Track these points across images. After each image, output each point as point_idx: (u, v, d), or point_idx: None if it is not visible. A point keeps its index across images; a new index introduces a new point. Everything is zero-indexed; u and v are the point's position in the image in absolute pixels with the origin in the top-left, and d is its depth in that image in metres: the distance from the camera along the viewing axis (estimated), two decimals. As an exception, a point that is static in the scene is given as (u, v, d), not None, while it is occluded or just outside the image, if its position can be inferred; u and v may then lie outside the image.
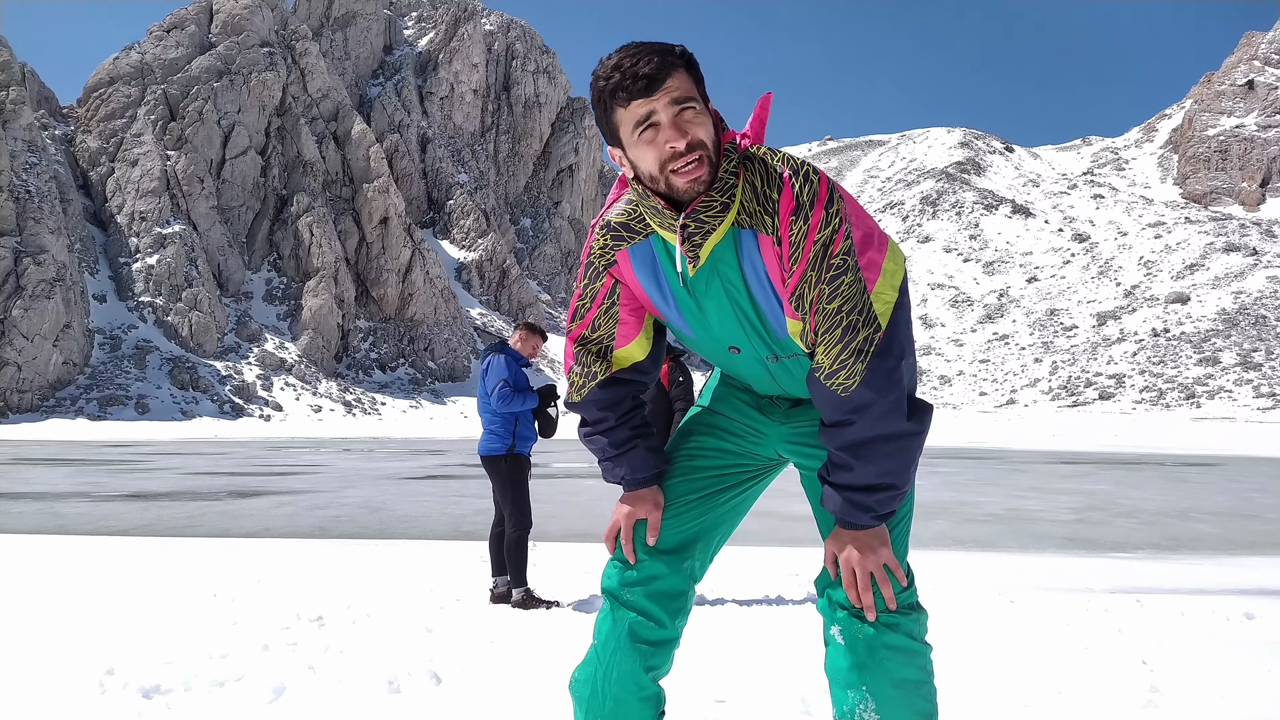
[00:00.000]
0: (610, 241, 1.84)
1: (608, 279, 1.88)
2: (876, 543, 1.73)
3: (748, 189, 1.68)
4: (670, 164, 1.62)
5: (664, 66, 1.60)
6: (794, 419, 1.95)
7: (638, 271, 1.83)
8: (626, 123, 1.63)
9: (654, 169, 1.65)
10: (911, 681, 1.73)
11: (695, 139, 1.61)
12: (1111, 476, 18.95)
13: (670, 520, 1.90)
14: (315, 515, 11.21)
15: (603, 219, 1.86)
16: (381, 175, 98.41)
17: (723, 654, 3.84)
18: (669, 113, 1.60)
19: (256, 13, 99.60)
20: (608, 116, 1.66)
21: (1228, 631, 4.57)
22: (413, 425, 66.75)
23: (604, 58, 1.66)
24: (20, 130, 75.65)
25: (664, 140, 1.61)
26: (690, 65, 1.64)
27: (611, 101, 1.63)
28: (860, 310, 1.65)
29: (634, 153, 1.66)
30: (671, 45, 1.64)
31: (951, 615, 4.79)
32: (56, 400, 67.76)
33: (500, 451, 5.45)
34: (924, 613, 1.77)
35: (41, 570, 6.38)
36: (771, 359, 1.83)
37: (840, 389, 1.67)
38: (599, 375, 1.93)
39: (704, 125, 1.63)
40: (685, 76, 1.62)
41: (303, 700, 3.21)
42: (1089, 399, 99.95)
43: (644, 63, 1.59)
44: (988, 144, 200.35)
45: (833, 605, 1.78)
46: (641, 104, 1.60)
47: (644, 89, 1.59)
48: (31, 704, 3.13)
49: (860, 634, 1.72)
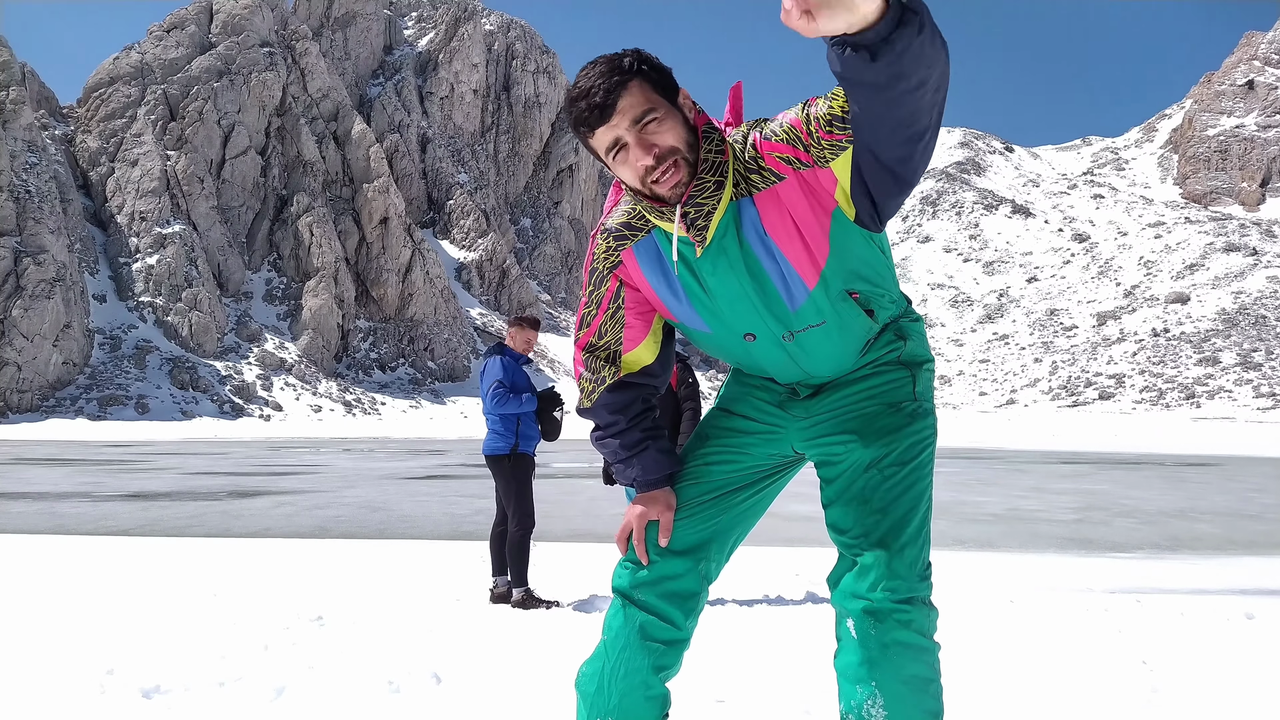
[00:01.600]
0: (613, 243, 1.87)
1: (612, 282, 1.90)
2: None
3: (739, 164, 1.72)
4: (648, 176, 1.68)
5: (613, 90, 1.63)
6: (815, 411, 1.93)
7: (644, 269, 1.85)
8: (599, 147, 1.70)
9: (636, 183, 1.71)
10: (920, 679, 1.74)
11: (664, 149, 1.66)
12: (1111, 476, 18.95)
13: (684, 521, 1.90)
14: (315, 515, 11.21)
15: (603, 225, 1.89)
16: (381, 175, 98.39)
17: (723, 654, 3.84)
18: (631, 133, 1.65)
19: (256, 13, 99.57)
20: (584, 143, 1.74)
21: (1228, 631, 4.57)
22: (413, 425, 66.72)
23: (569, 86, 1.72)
24: (20, 130, 75.62)
25: (634, 159, 1.67)
26: (644, 72, 1.67)
27: (580, 131, 1.70)
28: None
29: (615, 170, 1.73)
30: (621, 59, 1.67)
31: (952, 615, 4.79)
32: (56, 400, 67.74)
33: (504, 451, 5.46)
34: (935, 610, 1.78)
35: (41, 570, 6.38)
36: (788, 337, 1.82)
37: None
38: (608, 380, 1.94)
39: (671, 129, 1.66)
40: (639, 89, 1.65)
41: (303, 700, 3.21)
42: (1089, 399, 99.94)
43: (595, 91, 1.64)
44: (988, 144, 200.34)
45: (850, 601, 1.78)
46: (604, 131, 1.67)
47: (600, 117, 1.65)
48: (31, 704, 3.13)
49: (874, 630, 1.73)
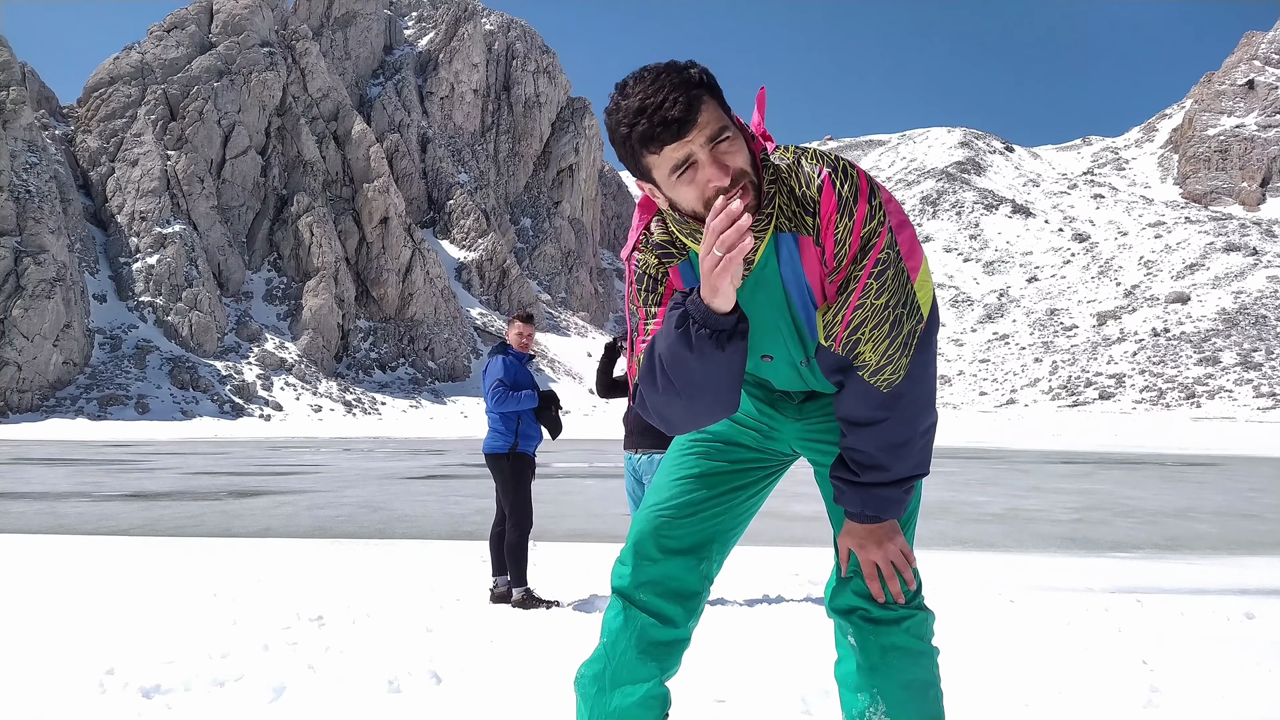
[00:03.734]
0: (661, 257, 1.74)
1: (668, 289, 1.76)
2: (892, 532, 1.74)
3: (783, 193, 1.64)
4: (717, 198, 1.55)
5: (693, 105, 1.51)
6: (807, 414, 1.93)
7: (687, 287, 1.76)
8: (661, 166, 1.55)
9: (698, 206, 1.57)
10: (920, 683, 1.74)
11: (737, 170, 1.55)
12: (1111, 476, 18.94)
13: (687, 520, 1.89)
14: (315, 515, 11.21)
15: (643, 239, 1.76)
16: (381, 175, 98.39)
17: (723, 654, 3.84)
18: (705, 152, 1.53)
19: (256, 13, 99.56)
20: (636, 160, 1.58)
21: (1228, 631, 4.57)
22: (413, 425, 66.70)
23: (618, 93, 1.56)
24: (20, 130, 75.63)
25: (705, 179, 1.54)
26: (714, 88, 1.56)
27: (641, 148, 1.54)
28: (905, 303, 1.62)
29: (673, 193, 1.59)
30: (689, 71, 1.54)
31: (951, 615, 4.79)
32: (56, 400, 67.75)
33: (503, 450, 5.46)
34: (931, 614, 1.78)
35: (41, 570, 6.38)
36: (804, 363, 1.79)
37: (884, 384, 1.64)
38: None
39: (741, 151, 1.57)
40: (713, 105, 1.54)
41: (303, 700, 3.21)
42: (1089, 399, 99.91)
43: (670, 103, 1.50)
44: (988, 144, 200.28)
45: (847, 609, 1.78)
46: (676, 148, 1.52)
47: (676, 133, 1.51)
48: (31, 704, 3.13)
49: (872, 636, 1.74)
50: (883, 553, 1.73)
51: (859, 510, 1.74)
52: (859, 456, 1.71)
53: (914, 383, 1.65)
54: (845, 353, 1.66)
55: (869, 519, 1.74)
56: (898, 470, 1.69)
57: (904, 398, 1.65)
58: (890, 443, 1.67)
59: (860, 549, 1.75)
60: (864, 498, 1.72)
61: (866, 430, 1.69)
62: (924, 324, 1.64)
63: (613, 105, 1.56)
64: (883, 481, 1.70)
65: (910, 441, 1.68)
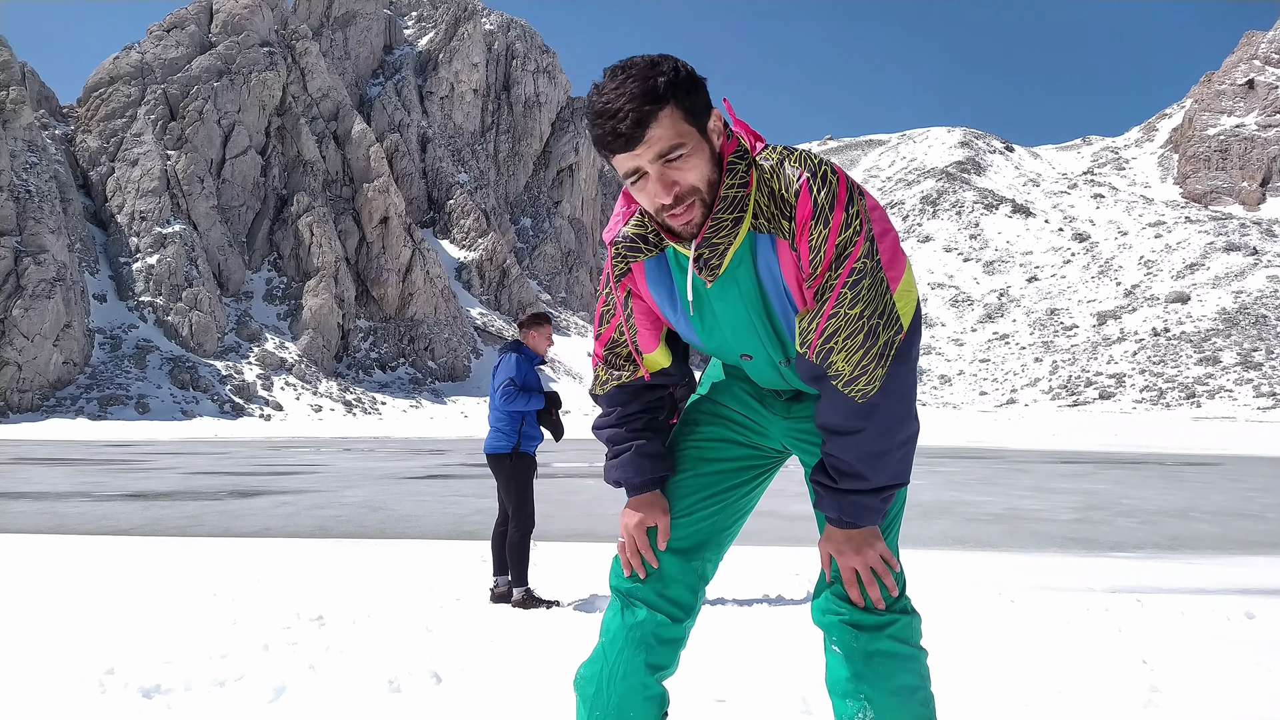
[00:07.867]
0: (626, 253, 1.81)
1: (620, 291, 1.86)
2: (872, 538, 1.74)
3: (763, 194, 1.64)
4: (662, 212, 1.62)
5: (643, 121, 1.53)
6: (795, 413, 1.93)
7: (650, 284, 1.82)
8: (619, 168, 1.62)
9: (651, 211, 1.66)
10: (908, 687, 1.73)
11: (684, 188, 1.59)
12: (1111, 476, 18.94)
13: (683, 519, 1.89)
14: (315, 515, 11.21)
15: (618, 232, 1.82)
16: (381, 175, 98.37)
17: (723, 654, 3.84)
18: (654, 167, 1.57)
19: (256, 12, 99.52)
20: (605, 159, 1.64)
21: (1228, 631, 4.57)
22: (413, 425, 66.69)
23: (595, 87, 1.59)
24: (20, 130, 75.59)
25: (651, 194, 1.60)
26: (678, 93, 1.55)
27: (601, 149, 1.61)
28: (883, 313, 1.62)
29: (632, 192, 1.66)
30: (655, 78, 1.54)
31: (951, 615, 4.79)
32: (57, 400, 67.72)
33: (505, 450, 5.46)
34: (917, 617, 1.77)
35: (41, 570, 6.38)
36: (785, 363, 1.80)
37: (859, 395, 1.64)
38: (624, 378, 1.92)
39: (695, 166, 1.58)
40: (670, 120, 1.55)
41: (303, 700, 3.21)
42: (1089, 399, 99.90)
43: (622, 115, 1.53)
44: (988, 143, 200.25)
45: (830, 616, 1.77)
46: (626, 159, 1.57)
47: (624, 145, 1.55)
48: (31, 704, 3.13)
49: (856, 643, 1.72)
50: (862, 559, 1.73)
51: (836, 516, 1.74)
52: (837, 464, 1.71)
53: (889, 395, 1.64)
54: (819, 361, 1.65)
55: (847, 525, 1.74)
56: (876, 480, 1.69)
57: (879, 409, 1.64)
58: (867, 453, 1.67)
59: (839, 555, 1.75)
60: (842, 504, 1.72)
61: (844, 439, 1.69)
62: (904, 335, 1.63)
63: (590, 98, 1.61)
64: (861, 489, 1.70)
65: (888, 453, 1.68)
